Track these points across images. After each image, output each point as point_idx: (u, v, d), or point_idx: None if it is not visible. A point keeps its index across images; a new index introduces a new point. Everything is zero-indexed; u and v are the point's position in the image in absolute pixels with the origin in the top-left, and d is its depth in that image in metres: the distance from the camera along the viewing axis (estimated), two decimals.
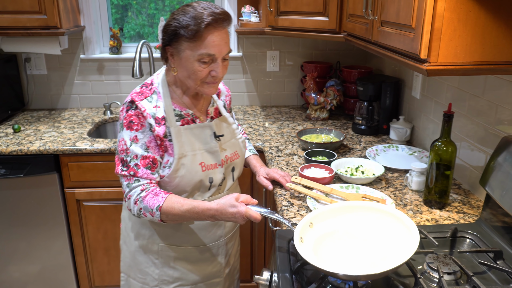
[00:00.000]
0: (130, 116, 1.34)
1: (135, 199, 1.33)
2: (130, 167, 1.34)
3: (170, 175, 1.37)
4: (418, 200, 1.58)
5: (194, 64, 1.30)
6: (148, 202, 1.31)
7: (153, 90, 1.39)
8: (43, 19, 2.32)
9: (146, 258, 1.52)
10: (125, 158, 1.34)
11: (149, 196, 1.32)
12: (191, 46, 1.28)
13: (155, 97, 1.38)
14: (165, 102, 1.38)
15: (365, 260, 1.14)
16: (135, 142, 1.33)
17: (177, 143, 1.37)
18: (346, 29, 2.01)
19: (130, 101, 1.35)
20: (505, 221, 1.31)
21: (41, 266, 2.38)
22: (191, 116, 1.43)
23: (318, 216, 1.23)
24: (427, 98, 2.03)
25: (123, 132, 1.35)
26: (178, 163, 1.37)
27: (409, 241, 1.12)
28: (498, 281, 1.15)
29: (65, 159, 2.21)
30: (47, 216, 2.29)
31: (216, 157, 1.45)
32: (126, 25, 2.96)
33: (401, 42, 1.34)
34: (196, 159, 1.40)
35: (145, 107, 1.34)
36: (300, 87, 2.92)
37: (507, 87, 1.44)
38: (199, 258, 1.53)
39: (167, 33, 1.31)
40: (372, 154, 1.98)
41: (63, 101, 2.87)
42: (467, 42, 1.19)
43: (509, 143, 1.30)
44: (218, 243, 1.56)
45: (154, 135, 1.35)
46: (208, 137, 1.44)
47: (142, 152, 1.33)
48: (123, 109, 1.36)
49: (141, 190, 1.34)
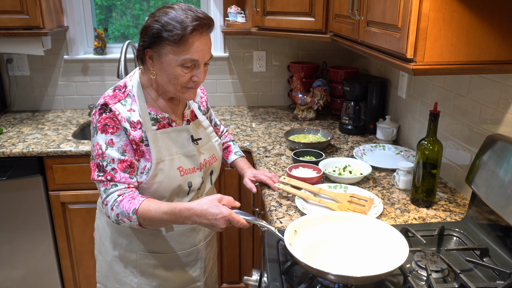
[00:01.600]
0: (105, 119, 1.28)
1: (111, 204, 1.27)
2: (107, 171, 1.28)
3: (148, 181, 1.33)
4: (405, 199, 1.59)
5: (176, 68, 1.26)
6: (124, 206, 1.25)
7: (127, 93, 1.34)
8: (25, 19, 2.28)
9: (124, 268, 1.47)
10: (101, 163, 1.29)
11: (125, 200, 1.26)
12: (174, 51, 1.24)
13: (129, 101, 1.33)
14: (140, 106, 1.34)
15: (353, 265, 1.15)
16: (111, 146, 1.28)
17: (154, 147, 1.33)
18: (333, 29, 2.02)
19: (103, 104, 1.29)
20: (491, 218, 1.32)
21: (25, 270, 2.34)
22: (167, 120, 1.39)
23: (302, 224, 1.23)
24: (412, 98, 2.05)
25: (97, 136, 1.29)
26: (156, 169, 1.33)
27: (396, 246, 1.13)
28: (484, 278, 1.17)
29: (49, 161, 2.17)
30: (31, 220, 2.25)
31: (194, 161, 1.42)
32: (111, 26, 2.92)
33: (387, 41, 1.35)
34: (174, 164, 1.37)
35: (119, 110, 1.29)
36: (287, 87, 2.92)
37: (491, 87, 1.46)
38: (179, 264, 1.50)
39: (148, 35, 1.25)
40: (360, 154, 1.99)
41: (47, 102, 2.82)
42: (452, 41, 1.20)
43: (494, 142, 1.32)
44: (197, 248, 1.53)
45: (129, 139, 1.30)
46: (185, 140, 1.41)
47: (119, 156, 1.28)
48: (96, 113, 1.30)
49: (118, 195, 1.28)
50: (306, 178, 1.66)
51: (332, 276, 1.02)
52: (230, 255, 2.45)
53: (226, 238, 2.41)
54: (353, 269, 1.13)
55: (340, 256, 1.18)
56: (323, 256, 1.17)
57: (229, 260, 2.46)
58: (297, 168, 1.75)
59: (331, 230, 1.25)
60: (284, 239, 1.14)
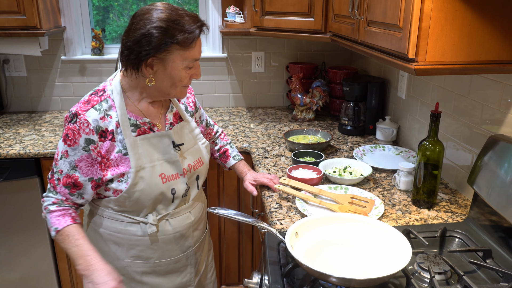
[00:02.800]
0: (68, 129, 1.26)
1: (45, 206, 1.31)
2: (53, 178, 1.30)
3: (129, 190, 1.30)
4: (406, 200, 1.58)
5: (181, 71, 1.26)
6: (52, 219, 1.28)
7: (104, 97, 1.29)
8: (22, 19, 2.26)
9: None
10: (53, 168, 1.30)
11: (55, 214, 1.28)
12: (182, 55, 1.24)
13: (105, 106, 1.28)
14: (120, 111, 1.29)
15: (355, 267, 1.14)
16: (65, 157, 1.27)
17: (134, 155, 1.29)
18: (332, 30, 2.01)
19: (74, 113, 1.25)
20: (493, 219, 1.31)
21: (22, 273, 2.31)
22: (148, 125, 1.35)
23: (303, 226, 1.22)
24: (412, 98, 2.04)
25: (60, 141, 1.29)
26: (136, 177, 1.29)
27: (399, 248, 1.12)
28: (488, 280, 1.16)
29: (47, 163, 2.15)
30: (28, 222, 2.23)
31: (177, 167, 1.37)
32: (108, 27, 2.91)
33: (388, 41, 1.34)
34: (155, 171, 1.32)
35: (88, 120, 1.25)
36: (285, 88, 2.91)
37: (493, 87, 1.45)
38: (168, 270, 1.46)
39: (150, 43, 1.20)
40: (359, 155, 1.98)
41: (44, 103, 2.80)
42: (454, 41, 1.19)
43: (496, 142, 1.31)
44: (186, 254, 1.49)
45: (91, 153, 1.26)
46: (167, 146, 1.36)
47: (67, 170, 1.27)
48: (66, 118, 1.28)
49: (53, 202, 1.29)
50: (306, 179, 1.64)
51: (334, 279, 1.01)
52: (229, 257, 2.44)
53: (225, 240, 2.39)
54: (355, 271, 1.12)
55: (342, 258, 1.17)
56: (325, 258, 1.16)
57: (228, 262, 2.45)
58: (297, 169, 1.74)
59: (333, 231, 1.24)
60: (285, 241, 1.13)
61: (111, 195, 1.33)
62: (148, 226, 1.36)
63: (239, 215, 1.33)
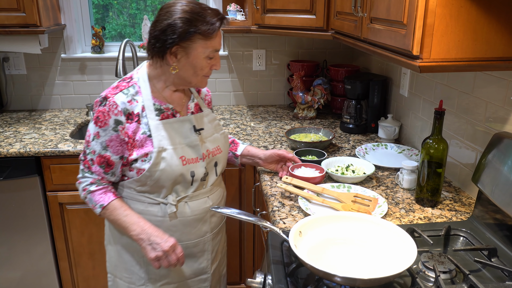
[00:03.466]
0: (99, 111, 1.36)
1: (83, 187, 1.41)
2: (87, 159, 1.40)
3: (150, 169, 1.38)
4: (409, 199, 1.57)
5: (203, 60, 1.36)
6: (95, 197, 1.40)
7: (131, 83, 1.40)
8: (22, 17, 2.25)
9: (131, 257, 1.51)
10: (85, 150, 1.40)
11: (97, 193, 1.40)
12: (204, 44, 1.33)
13: (132, 91, 1.39)
14: (145, 97, 1.39)
15: (360, 267, 1.13)
16: (97, 138, 1.36)
17: (156, 136, 1.38)
18: (334, 27, 2.00)
19: (104, 97, 1.36)
20: (497, 217, 1.30)
21: (23, 272, 2.30)
22: (171, 111, 1.44)
23: (307, 225, 1.21)
24: (415, 96, 2.03)
25: (90, 124, 1.38)
26: (158, 157, 1.37)
27: (403, 247, 1.11)
28: (493, 279, 1.15)
29: (47, 162, 2.14)
30: (29, 221, 2.22)
31: (197, 151, 1.45)
32: (107, 25, 2.89)
33: (392, 38, 1.33)
34: (176, 153, 1.40)
35: (117, 102, 1.35)
36: (287, 86, 2.90)
37: (497, 84, 1.44)
38: (186, 255, 1.50)
39: (175, 33, 1.30)
40: (362, 153, 1.97)
41: (44, 101, 2.78)
42: (459, 38, 1.18)
43: (501, 140, 1.30)
44: (204, 239, 1.54)
45: (119, 133, 1.36)
46: (188, 131, 1.45)
47: (100, 150, 1.37)
48: (96, 103, 1.38)
49: (91, 182, 1.40)
50: (309, 178, 1.63)
51: (339, 278, 1.00)
52: (230, 256, 2.42)
53: (227, 238, 2.38)
54: (360, 270, 1.11)
55: (347, 257, 1.16)
56: (329, 257, 1.15)
57: (229, 261, 2.43)
58: (300, 168, 1.73)
59: (337, 230, 1.23)
60: (289, 240, 1.11)
61: (134, 175, 1.41)
62: (168, 206, 1.43)
63: (242, 214, 1.32)
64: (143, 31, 2.75)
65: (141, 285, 1.52)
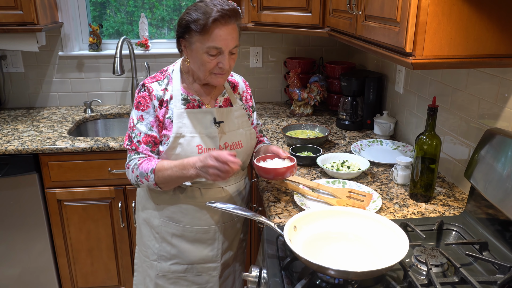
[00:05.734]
0: (139, 97, 1.48)
1: (132, 168, 1.48)
2: (133, 142, 1.48)
3: (167, 152, 1.47)
4: (404, 194, 1.59)
5: (203, 55, 1.40)
6: (143, 167, 1.44)
7: (165, 75, 1.53)
8: (19, 15, 2.26)
9: (149, 232, 1.61)
10: (131, 134, 1.48)
11: (144, 162, 1.45)
12: (200, 39, 1.38)
13: (166, 81, 1.51)
14: (174, 86, 1.50)
15: (353, 260, 1.15)
16: (141, 121, 1.47)
17: (177, 123, 1.46)
18: (330, 24, 2.01)
19: (142, 84, 1.49)
20: (489, 212, 1.32)
21: (22, 269, 2.32)
22: (197, 102, 1.52)
23: (301, 220, 1.23)
24: (410, 93, 2.05)
25: (132, 111, 1.50)
26: (175, 141, 1.46)
27: (396, 241, 1.13)
28: (484, 272, 1.17)
29: (45, 159, 2.15)
30: (27, 218, 2.23)
31: (214, 142, 1.50)
32: (105, 23, 2.90)
33: (385, 36, 1.34)
34: (193, 141, 1.47)
35: (153, 88, 1.48)
36: (283, 83, 2.91)
37: (489, 81, 1.45)
38: (196, 239, 1.58)
39: (181, 26, 1.42)
40: (357, 149, 1.99)
41: (42, 99, 2.79)
42: (451, 35, 1.20)
43: (493, 136, 1.32)
44: (214, 228, 1.58)
45: (156, 115, 1.47)
46: (209, 122, 1.50)
47: (146, 131, 1.47)
48: (136, 92, 1.51)
49: (138, 160, 1.47)
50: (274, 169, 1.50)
51: (332, 271, 1.02)
52: None
53: None
54: (353, 264, 1.13)
55: (340, 251, 1.18)
56: (323, 251, 1.17)
57: None
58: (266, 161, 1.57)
59: (331, 225, 1.25)
60: (283, 235, 1.13)
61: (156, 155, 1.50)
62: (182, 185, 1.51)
63: (238, 209, 1.34)
64: (140, 29, 2.76)
65: (154, 260, 1.61)
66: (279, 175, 1.49)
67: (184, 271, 1.61)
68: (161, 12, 2.89)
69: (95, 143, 2.15)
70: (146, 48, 2.75)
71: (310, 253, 1.14)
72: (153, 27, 2.92)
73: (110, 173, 2.20)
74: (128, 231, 2.33)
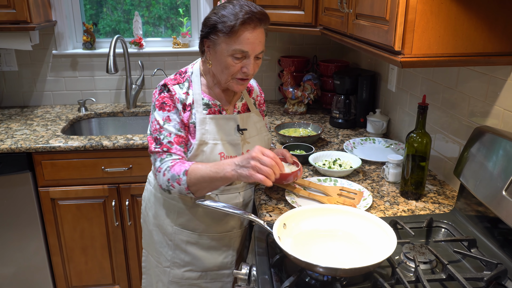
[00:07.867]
0: (163, 98, 1.41)
1: (164, 171, 1.37)
2: (163, 144, 1.39)
3: (190, 159, 1.42)
4: (395, 192, 1.60)
5: (227, 58, 1.34)
6: (175, 169, 1.35)
7: (185, 78, 1.45)
8: (12, 14, 2.25)
9: (161, 238, 1.58)
10: (159, 137, 1.39)
11: (176, 165, 1.36)
12: (226, 41, 1.32)
13: (187, 85, 1.44)
14: (195, 90, 1.44)
15: (342, 258, 1.15)
16: (168, 122, 1.40)
17: (200, 130, 1.42)
18: (322, 23, 2.02)
19: (163, 85, 1.42)
20: (479, 210, 1.33)
21: (16, 268, 2.32)
22: (219, 107, 1.47)
23: (291, 218, 1.24)
24: (402, 91, 2.05)
25: (155, 113, 1.41)
26: (198, 149, 1.42)
27: (385, 238, 1.14)
28: (472, 269, 1.18)
29: (39, 157, 2.15)
30: (21, 216, 2.23)
31: (237, 149, 1.47)
32: (102, 21, 2.89)
33: (375, 34, 1.35)
34: (216, 149, 1.44)
35: (175, 91, 1.41)
36: (277, 81, 2.92)
37: (479, 79, 1.46)
38: (211, 246, 1.56)
39: (207, 26, 1.36)
40: (350, 147, 2.00)
41: (36, 98, 2.79)
42: (440, 34, 1.20)
43: (482, 134, 1.32)
44: (230, 234, 1.57)
45: (181, 119, 1.41)
46: (232, 129, 1.47)
47: (176, 131, 1.40)
48: (156, 92, 1.43)
49: (171, 162, 1.38)
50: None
51: (320, 269, 1.02)
52: None
53: None
54: (342, 261, 1.14)
55: (329, 248, 1.19)
56: (312, 249, 1.18)
57: None
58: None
59: (320, 223, 1.26)
60: (273, 233, 1.14)
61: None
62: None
63: (227, 207, 1.34)
64: (134, 27, 2.76)
65: (167, 266, 1.58)
66: (283, 179, 1.44)
67: (197, 278, 1.58)
68: (157, 10, 2.89)
69: (88, 142, 2.15)
70: (140, 46, 2.75)
71: (299, 251, 1.15)
72: (150, 25, 2.92)
73: (103, 171, 2.20)
74: (122, 230, 2.33)
